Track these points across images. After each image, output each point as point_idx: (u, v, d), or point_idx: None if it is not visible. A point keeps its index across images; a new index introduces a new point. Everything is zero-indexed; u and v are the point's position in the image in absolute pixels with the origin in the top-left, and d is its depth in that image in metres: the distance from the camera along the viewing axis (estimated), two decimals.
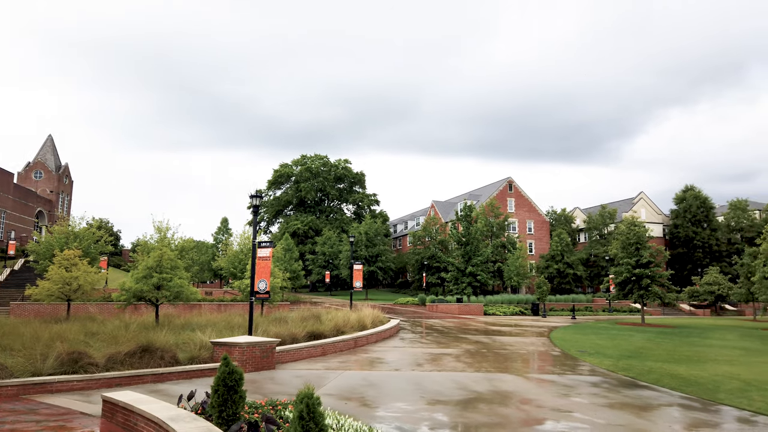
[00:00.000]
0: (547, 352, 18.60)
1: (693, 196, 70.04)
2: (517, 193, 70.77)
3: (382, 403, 10.08)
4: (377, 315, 23.86)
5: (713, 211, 70.58)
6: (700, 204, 69.51)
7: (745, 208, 70.27)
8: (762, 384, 12.75)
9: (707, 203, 69.88)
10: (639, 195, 75.62)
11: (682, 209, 70.41)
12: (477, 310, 40.77)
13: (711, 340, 23.65)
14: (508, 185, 70.66)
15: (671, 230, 72.12)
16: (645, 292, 32.35)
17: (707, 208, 69.83)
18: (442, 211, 74.54)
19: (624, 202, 77.64)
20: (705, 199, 69.88)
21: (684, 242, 69.19)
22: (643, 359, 16.67)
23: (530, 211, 70.96)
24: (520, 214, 70.12)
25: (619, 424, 8.84)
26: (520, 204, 70.51)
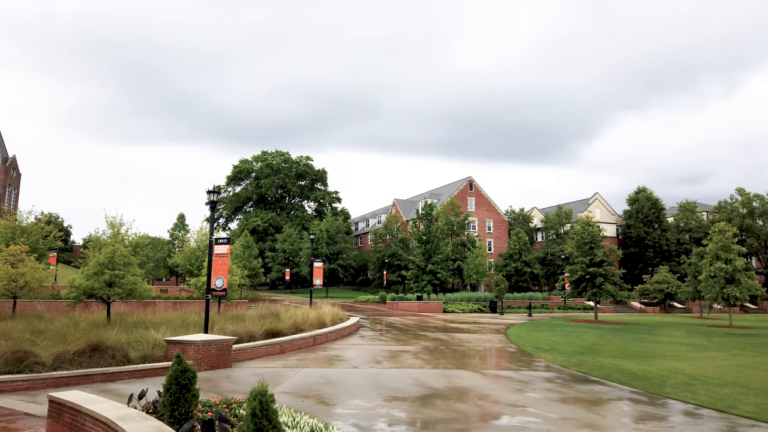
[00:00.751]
0: (504, 349, 18.93)
1: (645, 197, 72.46)
2: (478, 193, 71.74)
3: (339, 401, 10.05)
4: (337, 313, 23.79)
5: (664, 213, 73.23)
6: (652, 205, 72.00)
7: (694, 209, 73.20)
8: (706, 378, 13.29)
9: (658, 205, 72.45)
10: (594, 196, 77.77)
11: (634, 210, 72.76)
12: (437, 307, 41.15)
13: (659, 336, 24.53)
14: (468, 184, 71.54)
15: (624, 230, 74.44)
16: (598, 290, 33.29)
17: (658, 209, 72.39)
18: (403, 209, 74.90)
19: (580, 202, 79.71)
20: (656, 201, 72.41)
21: (636, 242, 71.52)
22: (595, 355, 17.16)
23: (490, 210, 72.06)
24: (480, 213, 71.11)
25: (571, 418, 9.06)
26: (480, 203, 71.51)
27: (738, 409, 10.01)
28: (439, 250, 47.09)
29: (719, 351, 19.28)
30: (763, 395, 11.30)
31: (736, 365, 15.72)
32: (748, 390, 11.86)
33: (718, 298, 33.97)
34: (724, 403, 10.51)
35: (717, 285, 33.63)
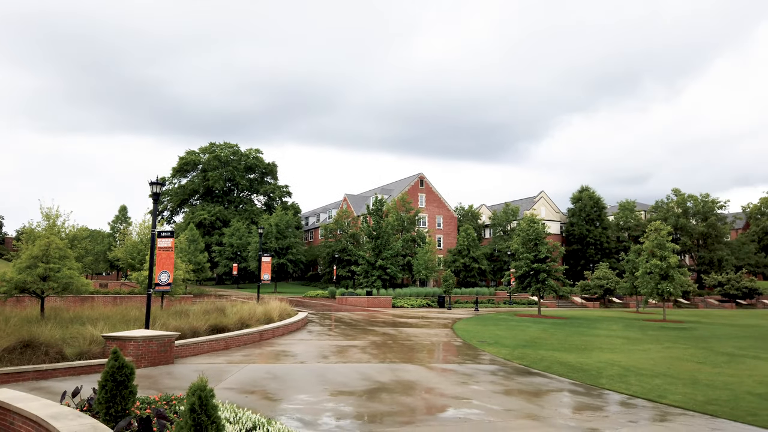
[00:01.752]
0: (450, 343, 19.24)
1: (588, 196, 75.03)
2: (428, 189, 72.47)
3: (284, 396, 9.96)
4: (285, 308, 23.55)
5: (605, 211, 76.08)
6: (594, 204, 74.65)
7: (633, 208, 76.39)
8: (639, 370, 13.93)
9: (600, 203, 75.19)
10: (540, 194, 79.96)
11: (577, 208, 75.26)
12: (386, 302, 41.37)
13: (598, 330, 25.51)
14: (419, 181, 72.15)
15: (568, 228, 76.90)
16: (542, 285, 34.29)
17: (600, 208, 75.14)
18: (354, 204, 74.81)
19: (526, 200, 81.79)
20: (598, 200, 75.12)
21: (579, 239, 74.03)
22: (537, 348, 17.68)
23: (440, 206, 72.94)
24: (430, 209, 71.88)
25: (512, 409, 9.31)
26: (431, 199, 72.28)
27: (667, 398, 10.54)
28: (389, 245, 47.33)
29: (653, 344, 20.23)
30: (690, 385, 11.95)
31: (668, 357, 16.55)
32: (678, 380, 12.51)
33: (653, 294, 35.65)
34: (655, 393, 11.04)
35: (652, 281, 35.28)
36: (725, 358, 16.65)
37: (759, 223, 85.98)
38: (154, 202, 15.59)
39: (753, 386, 11.95)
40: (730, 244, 74.04)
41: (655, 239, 35.97)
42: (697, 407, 9.79)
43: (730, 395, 10.89)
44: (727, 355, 17.38)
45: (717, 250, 70.49)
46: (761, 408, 9.78)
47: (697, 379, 12.66)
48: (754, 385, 12.14)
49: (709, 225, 70.13)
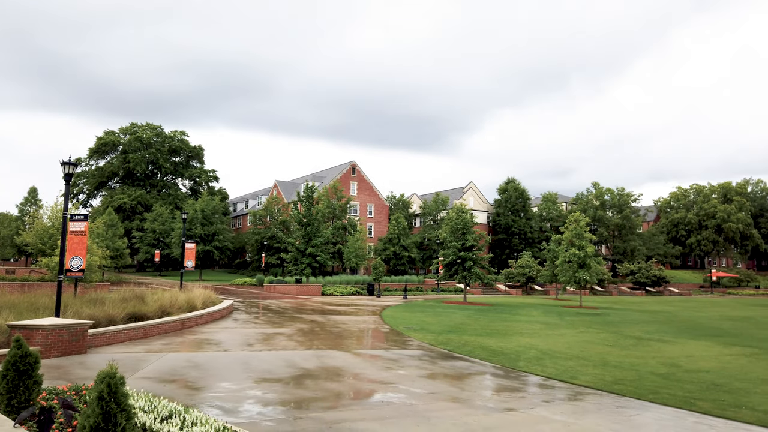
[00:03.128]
0: (378, 329, 19.42)
1: (513, 188, 77.67)
2: (360, 177, 72.53)
3: (206, 384, 9.70)
4: (209, 295, 22.90)
5: (530, 202, 79.08)
6: (519, 195, 77.41)
7: (555, 200, 79.88)
8: (554, 353, 14.63)
9: (525, 195, 78.04)
10: (469, 185, 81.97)
11: (504, 199, 77.77)
12: (315, 290, 41.17)
13: (519, 316, 26.56)
14: (351, 169, 72.05)
15: (494, 218, 79.37)
16: (468, 273, 35.24)
17: (525, 199, 78.01)
18: (285, 191, 73.74)
19: (456, 190, 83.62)
20: (523, 191, 77.94)
21: (504, 229, 76.60)
22: (461, 334, 18.18)
23: (371, 195, 73.22)
24: (361, 197, 72.02)
25: (435, 392, 9.52)
26: (363, 188, 72.41)
27: (579, 379, 11.14)
28: (319, 233, 47.04)
29: (569, 329, 21.30)
30: (600, 367, 12.68)
31: (582, 341, 17.48)
32: (589, 362, 13.24)
33: (571, 281, 37.49)
34: (568, 374, 11.63)
35: (571, 269, 37.09)
36: (633, 341, 17.78)
37: (668, 215, 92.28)
38: (66, 184, 14.66)
39: (656, 367, 12.84)
40: (642, 235, 79.08)
41: (574, 230, 37.78)
42: (606, 387, 10.40)
43: (635, 375, 11.65)
44: (635, 338, 18.57)
45: (630, 240, 75.05)
46: (662, 387, 10.53)
47: (606, 361, 13.45)
48: (657, 366, 13.05)
49: (624, 217, 74.53)
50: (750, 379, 11.49)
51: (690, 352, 15.43)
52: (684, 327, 23.37)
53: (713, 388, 10.44)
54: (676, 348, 16.33)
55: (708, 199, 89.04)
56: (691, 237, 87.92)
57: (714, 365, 13.24)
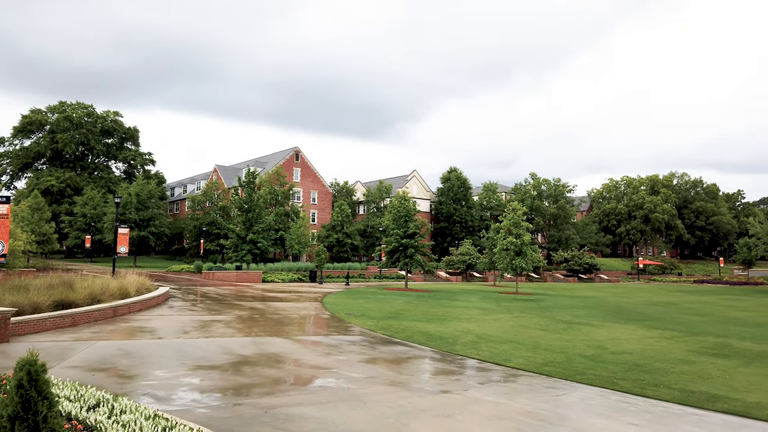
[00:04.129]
0: (318, 316, 19.40)
1: (456, 177, 78.89)
2: (304, 164, 71.73)
3: (138, 373, 9.41)
4: (144, 282, 22.16)
5: (471, 191, 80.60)
6: (461, 184, 78.73)
7: (495, 190, 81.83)
8: (490, 337, 15.08)
9: (467, 184, 79.44)
10: (412, 173, 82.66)
11: (446, 188, 78.90)
12: (256, 277, 40.59)
13: (458, 302, 27.17)
14: (295, 155, 71.12)
15: (437, 206, 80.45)
16: (410, 260, 35.69)
17: (466, 188, 79.41)
18: (226, 176, 71.99)
19: (400, 178, 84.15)
20: (465, 180, 79.30)
21: (446, 217, 77.80)
22: (401, 319, 18.43)
23: (315, 181, 72.62)
24: (305, 184, 71.30)
25: (373, 376, 9.63)
26: (306, 174, 71.67)
27: (512, 362, 11.54)
28: (261, 219, 46.27)
29: (504, 314, 22.00)
30: (532, 350, 13.18)
31: (516, 325, 18.09)
32: (522, 346, 13.74)
33: (508, 268, 38.69)
34: (501, 357, 12.03)
35: (508, 257, 38.25)
36: (564, 325, 18.57)
37: (600, 206, 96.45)
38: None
39: (584, 349, 13.48)
40: (576, 225, 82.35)
41: (512, 219, 38.92)
42: (537, 369, 10.84)
43: (564, 358, 12.18)
44: (566, 323, 19.40)
45: (565, 229, 78.00)
46: (588, 368, 11.07)
47: (538, 344, 14.00)
48: (585, 348, 13.70)
49: (559, 207, 77.32)
50: (668, 360, 12.25)
51: (616, 335, 16.27)
52: (611, 312, 24.60)
53: (635, 369, 11.07)
54: (603, 331, 17.18)
55: (637, 191, 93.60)
56: (620, 226, 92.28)
57: (637, 347, 14.02)
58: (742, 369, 11.38)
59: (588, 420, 7.49)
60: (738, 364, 11.89)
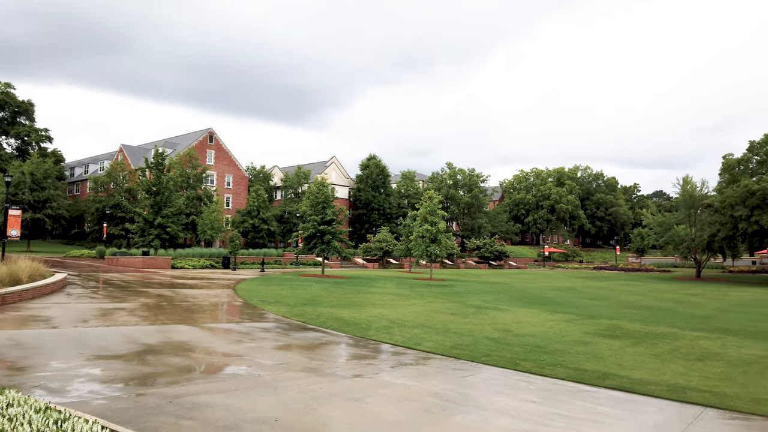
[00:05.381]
0: (230, 303, 18.94)
1: (375, 164, 79.40)
2: (218, 146, 69.32)
3: (30, 364, 8.75)
4: (38, 268, 20.56)
5: (390, 179, 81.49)
6: (380, 172, 79.36)
7: (413, 178, 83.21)
8: (403, 322, 15.40)
9: (385, 172, 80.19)
10: (331, 159, 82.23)
11: (365, 175, 79.25)
12: (164, 263, 38.92)
13: (373, 288, 27.48)
14: (209, 137, 68.54)
15: (355, 193, 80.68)
16: (327, 246, 35.59)
17: (385, 176, 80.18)
18: (133, 156, 68.14)
19: (319, 164, 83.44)
20: (384, 168, 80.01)
21: (365, 204, 78.26)
22: (316, 306, 18.38)
23: (230, 165, 70.44)
24: (219, 167, 68.97)
25: (285, 363, 9.56)
26: (221, 157, 69.32)
27: (423, 345, 11.87)
28: (170, 202, 44.27)
29: (418, 299, 22.53)
30: (442, 333, 13.61)
31: (428, 311, 18.59)
32: (433, 330, 14.15)
33: (423, 255, 39.59)
34: (413, 341, 12.33)
35: (423, 244, 39.12)
36: (473, 310, 19.31)
37: (511, 196, 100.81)
38: None
39: (490, 332, 14.09)
40: (488, 214, 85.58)
41: (429, 207, 39.80)
42: (445, 351, 11.21)
43: (471, 340, 12.68)
44: (475, 307, 20.18)
45: (478, 218, 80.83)
46: (494, 350, 11.59)
47: (448, 328, 14.47)
48: (492, 331, 14.33)
49: (473, 196, 79.95)
50: (566, 341, 13.08)
51: (520, 319, 17.14)
52: (517, 297, 25.87)
53: (536, 350, 11.73)
54: (509, 315, 18.05)
55: (545, 182, 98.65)
56: (529, 216, 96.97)
57: (539, 330, 14.85)
58: (630, 349, 12.36)
59: (490, 398, 7.86)
60: (627, 344, 12.91)
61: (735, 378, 9.66)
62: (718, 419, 7.34)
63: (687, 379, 9.46)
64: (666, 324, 17.20)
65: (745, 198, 46.17)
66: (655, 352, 11.95)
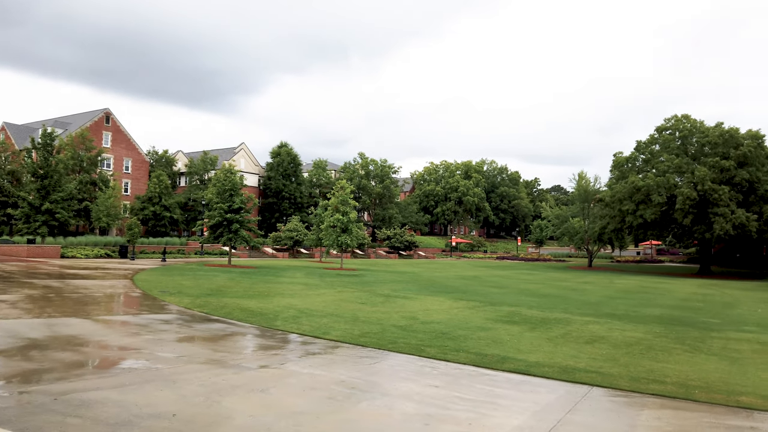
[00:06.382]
0: (128, 294, 17.90)
1: (286, 152, 78.00)
2: (116, 128, 65.05)
3: None
4: None
5: (301, 168, 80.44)
6: (291, 160, 78.11)
7: (325, 167, 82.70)
8: (311, 312, 15.28)
9: (297, 160, 79.05)
10: (240, 146, 79.81)
11: (276, 163, 77.67)
12: (53, 252, 36.04)
13: (283, 278, 27.06)
14: (105, 117, 64.13)
15: (265, 181, 78.88)
16: (234, 236, 34.55)
17: (296, 164, 79.03)
18: (17, 136, 62.38)
19: (227, 150, 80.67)
20: (295, 157, 78.82)
21: (275, 193, 76.73)
22: (221, 296, 17.80)
23: (130, 148, 66.39)
24: (117, 150, 64.80)
25: (186, 355, 9.16)
26: (119, 140, 65.14)
27: (331, 334, 11.84)
28: (60, 187, 40.98)
29: (328, 289, 22.45)
30: (351, 322, 13.65)
31: (338, 300, 18.58)
32: (341, 319, 14.16)
33: (334, 245, 39.51)
34: (321, 330, 12.27)
35: (334, 233, 39.03)
36: (382, 298, 19.54)
37: (421, 187, 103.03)
38: None
39: (398, 320, 14.33)
40: (399, 204, 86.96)
41: (340, 196, 39.72)
42: (353, 340, 11.25)
43: (379, 329, 12.83)
44: (384, 296, 20.44)
45: (389, 209, 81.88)
46: (400, 337, 11.80)
47: (357, 317, 14.55)
48: (399, 319, 14.57)
49: (385, 187, 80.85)
50: (469, 328, 13.57)
51: (427, 307, 17.58)
52: (425, 285, 26.53)
53: (441, 336, 12.07)
54: (417, 303, 18.45)
55: (453, 175, 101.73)
56: (438, 207, 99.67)
57: (444, 317, 15.30)
58: (527, 333, 13.05)
59: (395, 385, 7.99)
60: (525, 330, 13.62)
61: (618, 359, 10.48)
62: (602, 397, 7.93)
63: (577, 360, 10.13)
64: (560, 310, 18.34)
65: (632, 193, 50.22)
66: (549, 337, 12.69)
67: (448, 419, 6.47)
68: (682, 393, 8.13)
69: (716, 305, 23.18)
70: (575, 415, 6.87)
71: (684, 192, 46.73)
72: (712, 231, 47.03)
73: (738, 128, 50.22)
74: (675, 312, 19.58)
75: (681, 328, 15.12)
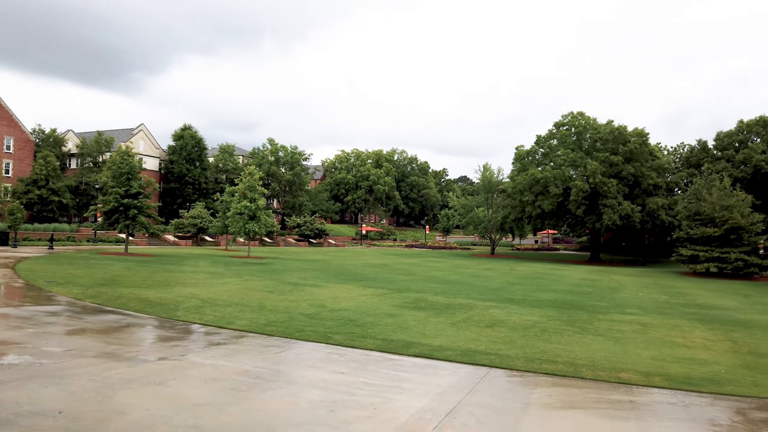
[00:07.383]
0: (8, 285, 16.39)
1: (190, 135, 74.52)
2: None
3: None
4: None
5: (206, 152, 77.21)
6: (196, 144, 74.76)
7: (232, 152, 79.98)
8: (216, 301, 14.80)
9: (201, 144, 75.75)
10: (139, 127, 75.28)
11: (179, 146, 74.01)
12: None
13: (185, 267, 25.95)
14: None
15: (167, 165, 75.02)
16: (131, 222, 32.63)
17: (201, 148, 75.74)
18: None
19: (124, 131, 75.83)
20: (200, 140, 75.50)
21: (177, 178, 73.22)
22: (116, 286, 16.77)
23: (12, 126, 60.55)
24: None
25: (75, 349, 8.55)
26: None
27: (235, 324, 11.53)
28: None
29: (234, 278, 21.82)
30: (257, 311, 13.37)
31: (244, 289, 18.12)
32: (247, 308, 13.83)
33: (241, 232, 38.39)
34: (225, 320, 11.92)
35: (242, 221, 37.91)
36: (290, 287, 19.30)
37: (333, 175, 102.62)
38: None
39: (306, 309, 14.22)
40: (310, 192, 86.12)
41: (248, 182, 38.59)
42: (259, 329, 11.03)
43: (286, 317, 12.67)
44: (293, 284, 20.20)
45: (299, 196, 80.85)
46: (308, 325, 11.72)
47: (264, 306, 14.27)
48: (307, 307, 14.47)
49: (295, 174, 79.69)
50: (377, 314, 13.75)
51: (336, 294, 17.59)
52: (334, 273, 26.52)
53: (348, 323, 12.13)
54: (325, 291, 18.41)
55: (364, 163, 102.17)
56: (348, 195, 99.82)
57: (352, 305, 15.38)
58: (432, 319, 13.43)
59: (302, 373, 7.93)
60: (430, 315, 14.00)
61: (515, 341, 11.06)
62: (500, 378, 8.34)
63: (477, 343, 10.57)
64: (464, 296, 19.05)
65: (532, 185, 53.05)
66: (453, 321, 13.15)
67: (354, 405, 6.52)
68: (571, 371, 8.73)
69: (604, 290, 25.10)
70: (474, 396, 7.17)
71: (577, 184, 50.04)
72: (601, 221, 50.85)
73: (626, 126, 54.45)
74: (567, 296, 20.97)
75: (572, 312, 16.22)
